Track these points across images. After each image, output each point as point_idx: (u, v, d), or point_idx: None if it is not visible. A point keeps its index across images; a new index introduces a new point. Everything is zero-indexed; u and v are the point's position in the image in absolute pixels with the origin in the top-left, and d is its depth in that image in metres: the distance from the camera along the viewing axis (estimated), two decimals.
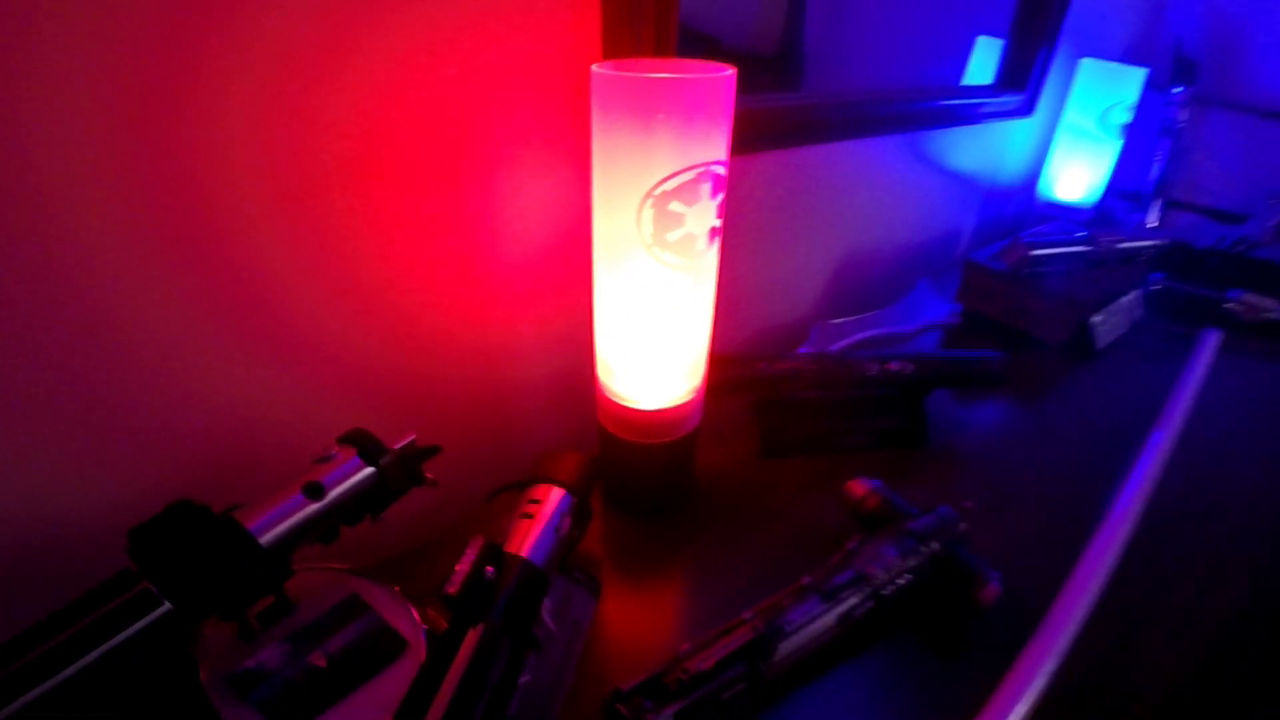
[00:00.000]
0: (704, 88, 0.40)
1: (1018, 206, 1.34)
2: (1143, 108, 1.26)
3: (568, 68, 0.50)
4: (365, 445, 0.41)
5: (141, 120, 0.34)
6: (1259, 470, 0.69)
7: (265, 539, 0.35)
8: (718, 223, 0.45)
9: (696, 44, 0.63)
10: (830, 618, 0.41)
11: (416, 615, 0.41)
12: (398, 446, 0.42)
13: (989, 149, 1.14)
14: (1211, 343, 0.94)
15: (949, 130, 0.99)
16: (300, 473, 0.38)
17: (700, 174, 0.42)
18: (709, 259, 0.47)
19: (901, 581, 0.44)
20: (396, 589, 0.42)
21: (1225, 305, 1.05)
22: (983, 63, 1.12)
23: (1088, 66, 1.23)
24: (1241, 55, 1.47)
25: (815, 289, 0.90)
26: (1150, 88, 1.25)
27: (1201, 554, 0.57)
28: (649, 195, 0.42)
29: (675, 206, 0.42)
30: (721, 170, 0.43)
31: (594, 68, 0.41)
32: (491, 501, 0.47)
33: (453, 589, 0.36)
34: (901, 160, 0.93)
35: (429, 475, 0.44)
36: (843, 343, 0.81)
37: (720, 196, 0.44)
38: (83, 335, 0.36)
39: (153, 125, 0.34)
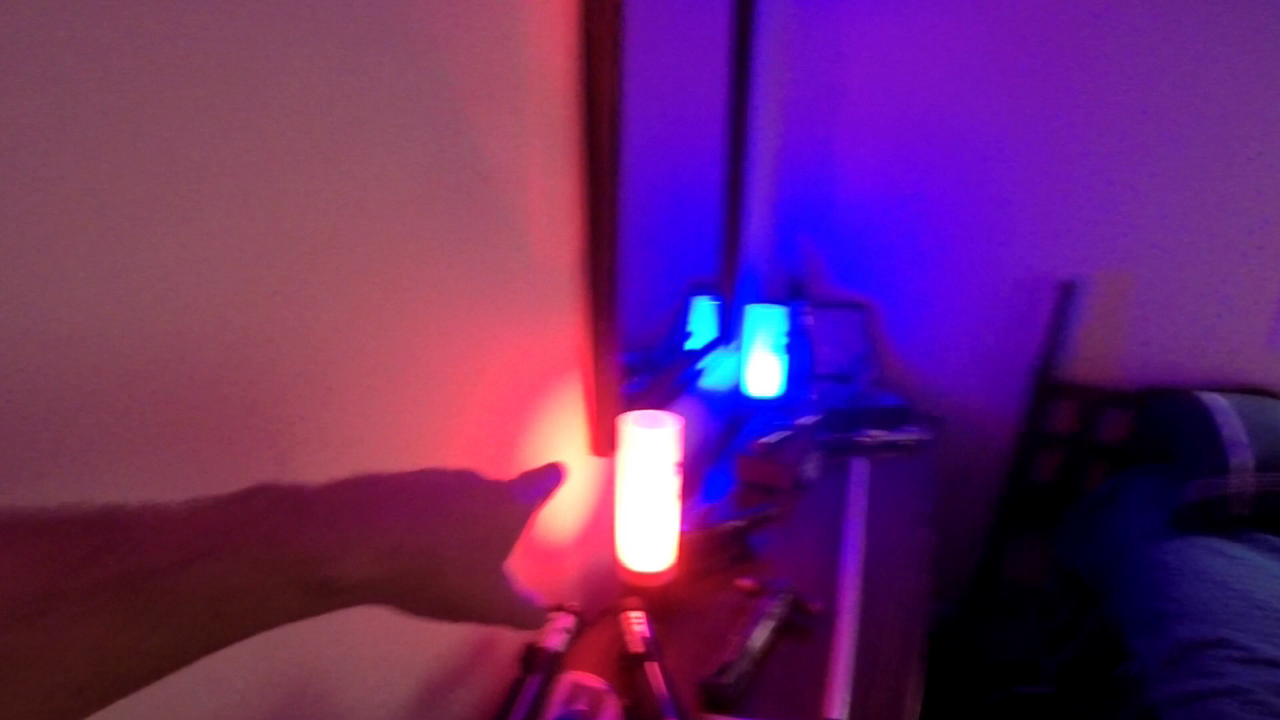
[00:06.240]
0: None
1: (735, 404, 2.18)
2: (790, 321, 2.15)
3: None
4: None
5: None
6: (903, 519, 1.49)
7: None
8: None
9: None
10: (765, 630, 1.04)
11: None
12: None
13: (719, 378, 1.94)
14: (859, 464, 1.79)
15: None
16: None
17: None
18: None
19: (780, 610, 1.09)
20: None
21: (861, 440, 1.94)
22: (701, 313, 1.82)
23: (751, 310, 2.07)
24: (820, 271, 2.51)
25: None
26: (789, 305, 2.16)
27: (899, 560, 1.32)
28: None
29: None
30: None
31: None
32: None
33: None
34: (687, 410, 1.67)
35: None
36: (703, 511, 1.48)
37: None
38: None
39: None
